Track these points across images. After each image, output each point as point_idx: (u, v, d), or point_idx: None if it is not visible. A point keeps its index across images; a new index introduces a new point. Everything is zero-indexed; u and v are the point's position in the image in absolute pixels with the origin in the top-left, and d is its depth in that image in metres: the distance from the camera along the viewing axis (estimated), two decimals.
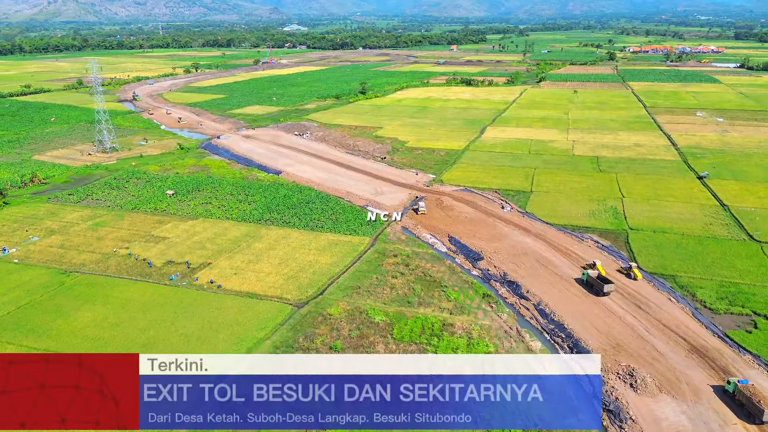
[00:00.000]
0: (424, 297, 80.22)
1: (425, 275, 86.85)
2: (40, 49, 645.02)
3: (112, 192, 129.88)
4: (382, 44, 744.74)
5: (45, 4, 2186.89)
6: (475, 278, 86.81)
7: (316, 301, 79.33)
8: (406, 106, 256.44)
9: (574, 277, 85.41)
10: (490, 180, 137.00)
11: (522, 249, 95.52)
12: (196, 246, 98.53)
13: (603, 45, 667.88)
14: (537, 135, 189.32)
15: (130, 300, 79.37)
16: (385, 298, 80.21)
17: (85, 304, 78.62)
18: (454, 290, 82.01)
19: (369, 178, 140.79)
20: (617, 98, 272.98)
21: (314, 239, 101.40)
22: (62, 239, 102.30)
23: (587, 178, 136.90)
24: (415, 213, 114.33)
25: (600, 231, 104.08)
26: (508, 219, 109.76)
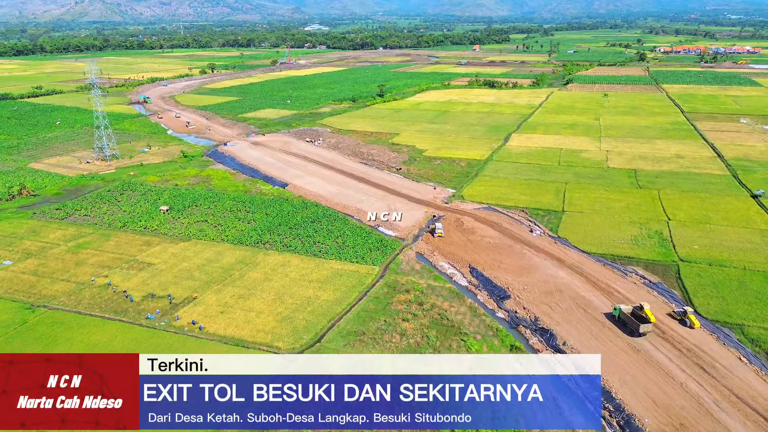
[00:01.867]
0: (439, 348, 67.54)
1: (442, 318, 74.12)
2: (61, 49, 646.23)
3: (103, 206, 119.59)
4: (403, 44, 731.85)
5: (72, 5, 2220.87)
6: (500, 323, 73.79)
7: (311, 350, 67.20)
8: (425, 110, 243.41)
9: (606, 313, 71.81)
10: (516, 196, 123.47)
11: (555, 285, 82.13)
12: (183, 275, 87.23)
13: (632, 45, 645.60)
14: (567, 143, 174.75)
15: (95, 346, 68.11)
16: (393, 347, 67.74)
17: (44, 350, 67.54)
18: (475, 339, 69.18)
19: (382, 193, 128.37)
20: (651, 102, 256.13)
21: (316, 268, 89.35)
22: (38, 264, 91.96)
23: (625, 196, 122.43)
24: (431, 235, 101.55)
25: (645, 262, 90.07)
26: (538, 246, 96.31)
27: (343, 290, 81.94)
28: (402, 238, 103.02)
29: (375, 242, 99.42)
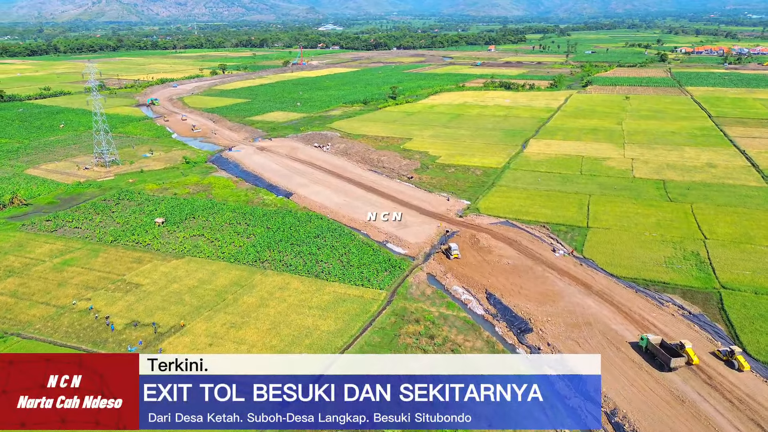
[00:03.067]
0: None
1: (455, 354, 65.79)
2: (75, 50, 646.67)
3: (96, 218, 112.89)
4: (417, 44, 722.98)
5: (89, 5, 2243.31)
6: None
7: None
8: (439, 113, 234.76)
9: (632, 342, 63.03)
10: (536, 210, 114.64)
11: (583, 316, 73.40)
12: (172, 298, 79.87)
13: (651, 45, 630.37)
14: (588, 150, 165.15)
15: None
16: None
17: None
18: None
19: (392, 205, 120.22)
20: (676, 105, 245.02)
21: (317, 291, 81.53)
22: (19, 283, 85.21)
23: (655, 210, 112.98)
24: (445, 256, 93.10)
25: (683, 289, 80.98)
26: (561, 268, 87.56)
27: (346, 319, 73.98)
28: (412, 257, 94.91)
29: (382, 261, 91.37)
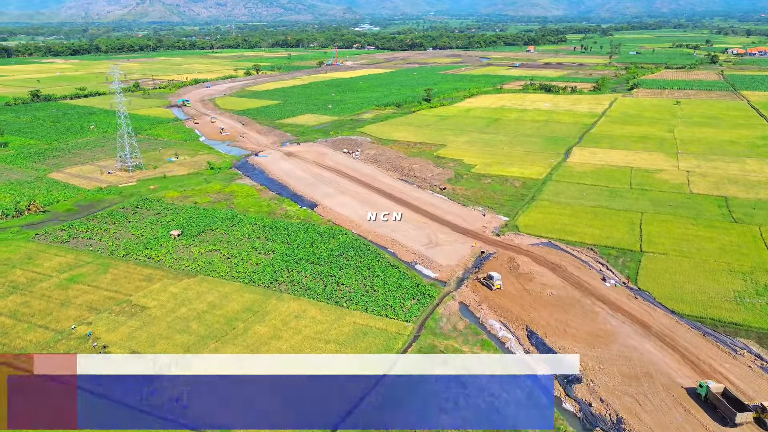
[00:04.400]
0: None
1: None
2: (116, 50, 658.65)
3: (111, 228, 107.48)
4: (454, 45, 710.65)
5: (134, 6, 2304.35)
6: (569, 420, 55.62)
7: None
8: (475, 117, 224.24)
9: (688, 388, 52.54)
10: (582, 229, 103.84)
11: (641, 365, 62.98)
12: (178, 325, 72.88)
13: (700, 46, 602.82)
14: (638, 161, 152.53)
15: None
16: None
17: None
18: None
19: (422, 219, 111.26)
20: (732, 111, 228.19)
21: (336, 321, 73.30)
22: (21, 302, 79.71)
23: (719, 233, 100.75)
24: (483, 285, 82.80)
25: (758, 333, 69.55)
26: (613, 302, 77.02)
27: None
28: (443, 281, 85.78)
29: (410, 287, 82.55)
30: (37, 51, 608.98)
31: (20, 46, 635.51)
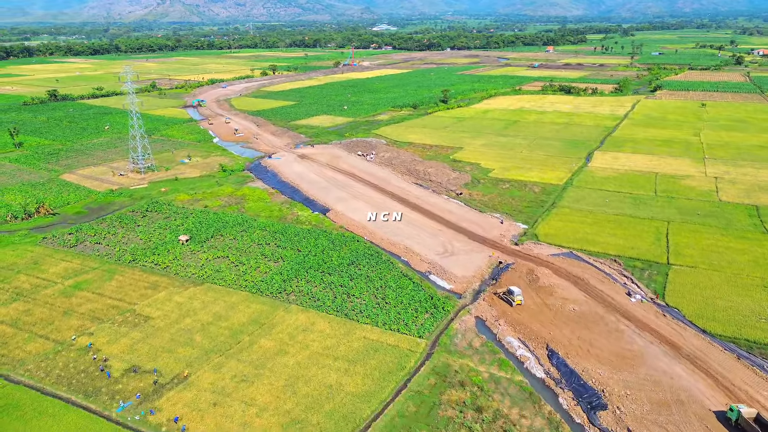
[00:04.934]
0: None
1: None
2: (135, 49, 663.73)
3: (119, 232, 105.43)
4: (472, 45, 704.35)
5: (154, 6, 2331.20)
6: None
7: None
8: (493, 119, 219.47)
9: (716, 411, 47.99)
10: (604, 238, 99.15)
11: (671, 390, 58.57)
12: (181, 337, 70.10)
13: (725, 46, 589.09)
14: (663, 166, 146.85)
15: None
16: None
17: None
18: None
19: (437, 226, 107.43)
20: (760, 114, 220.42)
21: (346, 336, 69.92)
22: (23, 310, 77.67)
23: (751, 244, 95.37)
24: (502, 300, 78.77)
25: None
26: (640, 319, 72.50)
27: (376, 376, 61.95)
28: (458, 294, 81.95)
29: (424, 299, 78.88)
30: (58, 50, 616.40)
31: (42, 45, 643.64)
